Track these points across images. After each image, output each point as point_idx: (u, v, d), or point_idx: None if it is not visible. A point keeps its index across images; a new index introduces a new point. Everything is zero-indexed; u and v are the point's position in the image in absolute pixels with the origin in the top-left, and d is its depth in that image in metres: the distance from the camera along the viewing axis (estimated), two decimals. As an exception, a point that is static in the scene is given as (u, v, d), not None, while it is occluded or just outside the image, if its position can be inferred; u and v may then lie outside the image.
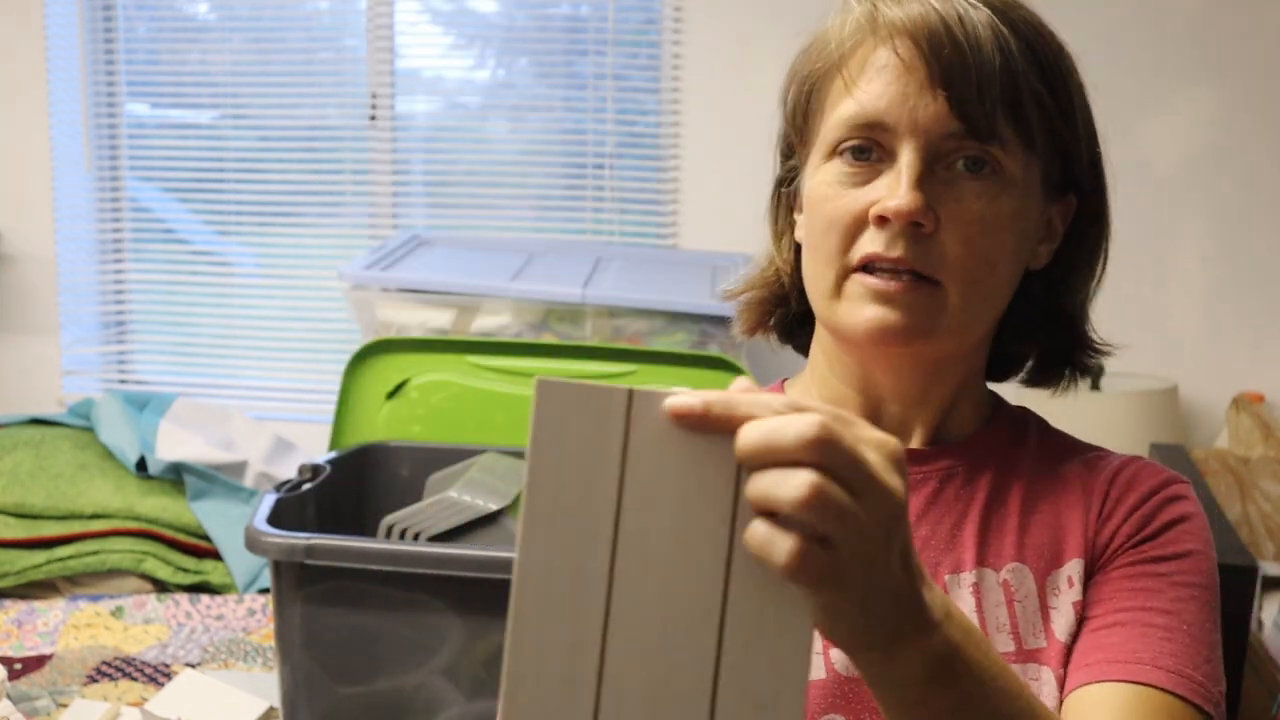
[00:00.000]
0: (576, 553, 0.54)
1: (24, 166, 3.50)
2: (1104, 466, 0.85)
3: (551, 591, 0.54)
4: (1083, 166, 0.84)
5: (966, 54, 0.75)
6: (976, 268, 0.78)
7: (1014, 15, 0.79)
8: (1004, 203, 0.78)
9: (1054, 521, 0.83)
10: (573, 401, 0.54)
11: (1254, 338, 3.01)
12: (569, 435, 0.54)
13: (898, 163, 0.77)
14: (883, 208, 0.76)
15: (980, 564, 0.82)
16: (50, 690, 2.12)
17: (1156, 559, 0.80)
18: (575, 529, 0.54)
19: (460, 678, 1.53)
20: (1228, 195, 2.99)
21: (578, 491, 0.54)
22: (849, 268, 0.79)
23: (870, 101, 0.78)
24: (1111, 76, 2.98)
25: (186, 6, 3.59)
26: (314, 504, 1.82)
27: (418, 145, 3.53)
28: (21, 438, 2.91)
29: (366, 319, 2.74)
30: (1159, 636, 0.76)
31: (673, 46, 3.22)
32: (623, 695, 0.54)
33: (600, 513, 0.54)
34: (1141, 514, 0.82)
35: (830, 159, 0.81)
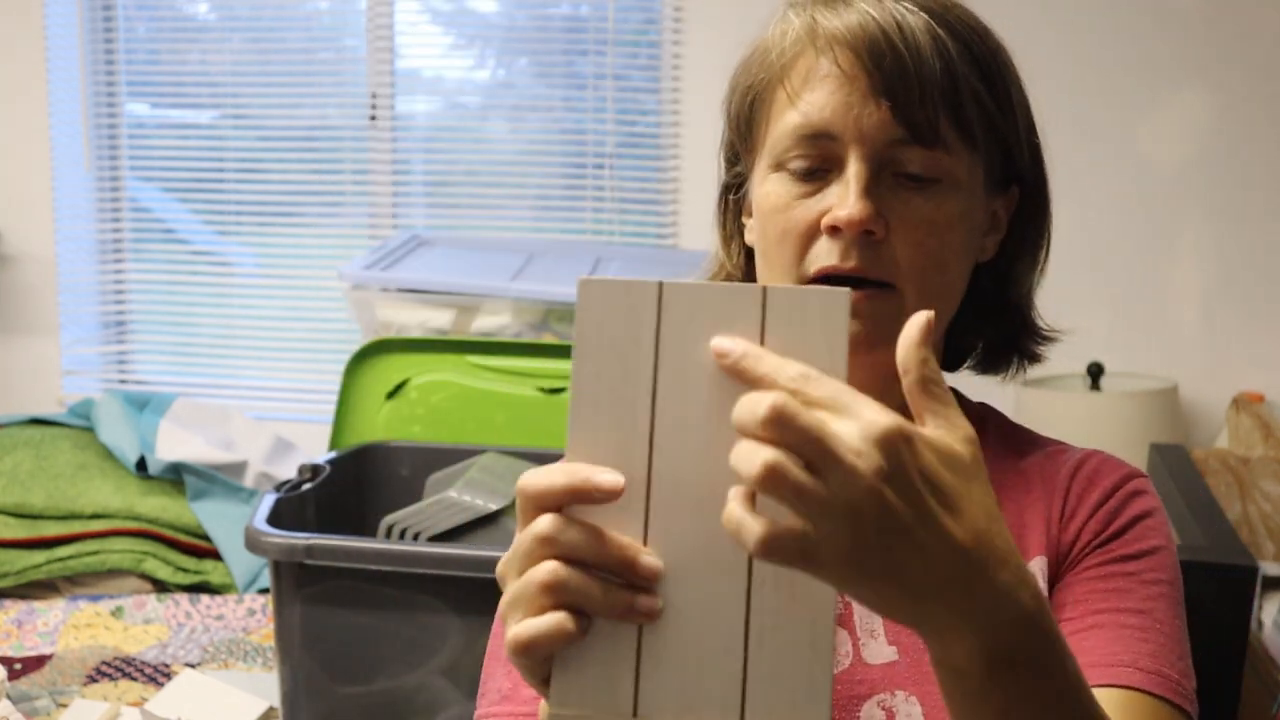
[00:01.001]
0: (618, 432, 0.59)
1: (24, 166, 3.50)
2: (1063, 461, 0.86)
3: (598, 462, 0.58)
4: (1024, 159, 0.85)
5: (907, 61, 0.76)
6: (928, 269, 0.79)
7: (950, 17, 0.80)
8: (951, 204, 0.79)
9: (1017, 518, 0.83)
10: (611, 295, 0.59)
11: (1254, 338, 3.01)
12: (608, 325, 0.59)
13: (846, 172, 0.78)
14: (834, 218, 0.77)
15: None
16: (50, 690, 2.12)
17: (1124, 558, 0.81)
18: (616, 409, 0.59)
19: (460, 678, 1.53)
20: (1228, 195, 2.99)
21: (617, 375, 0.59)
22: (805, 279, 0.80)
23: (814, 112, 0.79)
24: (1111, 76, 2.98)
25: (186, 6, 3.59)
26: (314, 504, 1.82)
27: (418, 145, 3.53)
28: (21, 438, 2.91)
29: (366, 319, 2.74)
30: (1136, 637, 0.77)
31: (673, 46, 3.22)
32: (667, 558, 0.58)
33: (638, 393, 0.59)
34: (1106, 511, 0.82)
35: (776, 170, 0.82)
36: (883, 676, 0.81)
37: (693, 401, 0.59)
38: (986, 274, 0.87)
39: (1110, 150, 2.99)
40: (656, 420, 0.59)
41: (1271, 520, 2.39)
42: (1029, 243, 0.88)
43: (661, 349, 0.59)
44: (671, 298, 0.59)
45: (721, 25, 3.15)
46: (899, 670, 0.81)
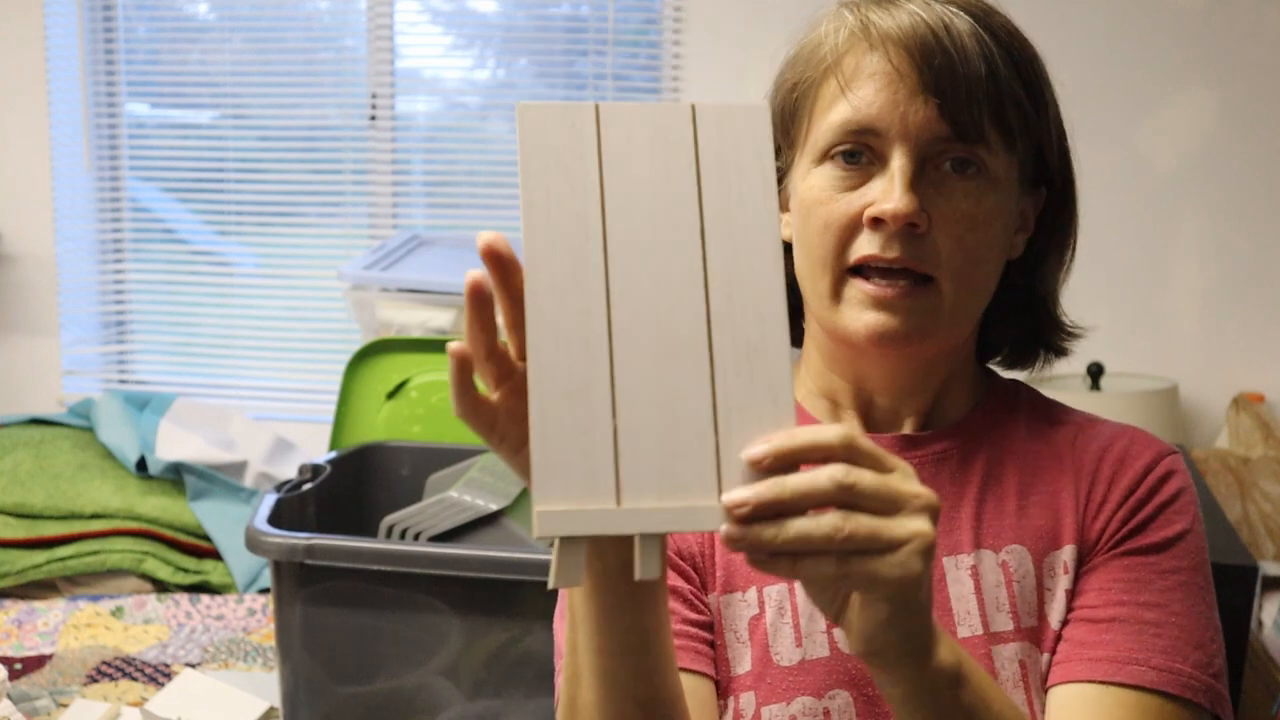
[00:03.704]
0: (573, 239, 0.64)
1: (24, 166, 3.50)
2: (1094, 441, 0.87)
3: (556, 273, 0.64)
4: (1054, 160, 0.88)
5: (955, 62, 0.79)
6: (966, 263, 0.81)
7: (992, 22, 0.83)
8: (989, 201, 0.82)
9: (1051, 503, 0.85)
10: (551, 117, 0.66)
11: (1254, 338, 3.01)
12: (552, 147, 0.65)
13: (890, 166, 0.80)
14: (879, 210, 0.80)
15: (978, 546, 0.85)
16: (50, 690, 2.12)
17: (1147, 549, 0.83)
18: (568, 220, 0.64)
19: (460, 678, 1.53)
20: (1228, 195, 2.99)
21: (565, 189, 0.65)
22: (845, 269, 0.82)
23: (863, 107, 0.81)
24: (1111, 76, 2.98)
25: (186, 6, 3.59)
26: (314, 504, 1.82)
27: (418, 145, 3.53)
28: (21, 438, 2.91)
29: (366, 319, 2.74)
30: (1150, 633, 0.80)
31: (673, 46, 3.22)
32: (631, 348, 0.63)
33: (588, 204, 0.65)
34: (1135, 499, 0.84)
35: (821, 163, 0.84)
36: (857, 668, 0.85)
37: (639, 210, 0.65)
38: (1015, 270, 0.90)
39: (1110, 150, 2.99)
40: (608, 229, 0.64)
41: (1271, 520, 2.39)
42: (1057, 242, 0.91)
43: (605, 164, 0.65)
44: (609, 116, 0.65)
45: (721, 25, 3.15)
46: None
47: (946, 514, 0.86)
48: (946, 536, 0.85)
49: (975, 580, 0.84)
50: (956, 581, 0.84)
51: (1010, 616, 0.83)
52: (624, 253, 0.64)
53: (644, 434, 0.62)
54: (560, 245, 0.64)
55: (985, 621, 0.83)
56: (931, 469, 0.87)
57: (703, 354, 0.63)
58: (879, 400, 0.89)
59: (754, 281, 0.64)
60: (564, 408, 0.62)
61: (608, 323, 0.63)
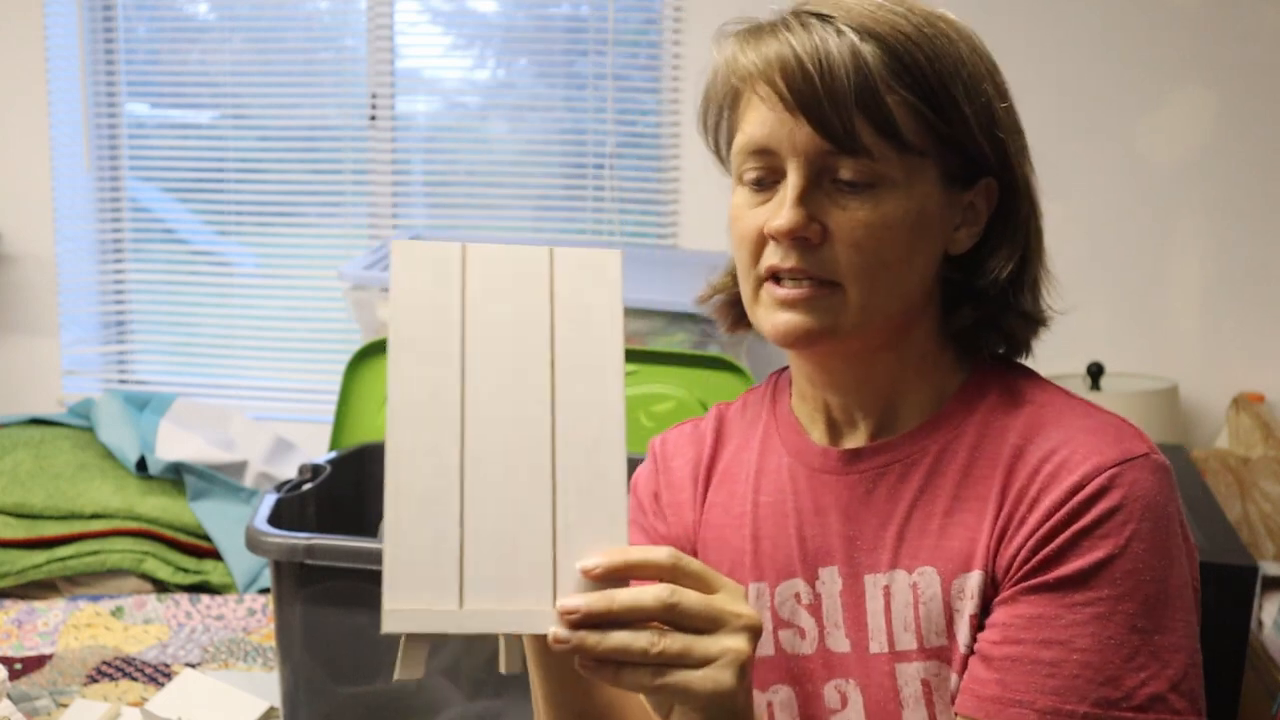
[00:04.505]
0: (434, 367, 0.71)
1: (24, 166, 3.50)
2: (1039, 449, 0.85)
3: (416, 398, 0.70)
4: (983, 153, 0.88)
5: (816, 82, 0.82)
6: (871, 267, 0.85)
7: (885, 30, 0.84)
8: (887, 205, 0.84)
9: (973, 523, 0.86)
10: (421, 256, 0.73)
11: (1254, 338, 3.01)
12: (419, 285, 0.72)
13: (785, 182, 0.86)
14: (770, 227, 0.85)
15: (894, 565, 0.88)
16: (50, 690, 2.12)
17: (1055, 584, 0.81)
18: (431, 350, 0.71)
19: (460, 678, 1.53)
20: (1227, 195, 2.99)
21: (430, 323, 0.72)
22: (760, 278, 0.88)
23: (753, 131, 0.87)
24: (1110, 76, 2.98)
25: (186, 6, 3.59)
26: (314, 504, 1.82)
27: (418, 145, 3.53)
28: (21, 438, 2.91)
29: (366, 319, 2.74)
30: (1043, 673, 0.80)
31: (673, 46, 3.22)
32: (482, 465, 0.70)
33: (450, 337, 0.72)
34: (1050, 527, 0.82)
35: (738, 183, 0.90)
36: (841, 663, 0.91)
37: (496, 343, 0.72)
38: (959, 264, 0.91)
39: (1109, 150, 2.99)
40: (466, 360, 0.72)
41: (1271, 520, 2.39)
42: (1002, 234, 0.91)
43: (467, 303, 0.72)
44: (475, 257, 0.73)
45: (721, 25, 3.15)
46: (850, 661, 0.90)
47: (874, 531, 0.89)
48: (869, 554, 0.89)
49: (886, 599, 0.87)
50: (872, 599, 0.88)
51: (915, 636, 0.86)
52: (480, 381, 0.71)
53: (488, 543, 0.69)
54: (422, 371, 0.71)
55: (891, 640, 0.87)
56: (868, 485, 0.91)
57: (547, 473, 0.71)
58: (832, 401, 0.93)
59: (597, 409, 0.72)
60: (416, 516, 0.69)
61: (460, 442, 0.70)
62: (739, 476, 0.98)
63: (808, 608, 0.92)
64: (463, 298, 0.72)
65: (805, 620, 0.92)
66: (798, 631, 0.92)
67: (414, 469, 0.69)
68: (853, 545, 0.90)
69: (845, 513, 0.91)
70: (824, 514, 0.92)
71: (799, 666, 0.92)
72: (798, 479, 0.94)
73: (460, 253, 0.73)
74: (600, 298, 0.73)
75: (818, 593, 0.91)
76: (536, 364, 0.72)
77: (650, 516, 1.02)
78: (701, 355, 2.34)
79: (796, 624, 0.93)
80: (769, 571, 0.94)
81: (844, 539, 0.90)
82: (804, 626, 0.92)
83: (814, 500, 0.92)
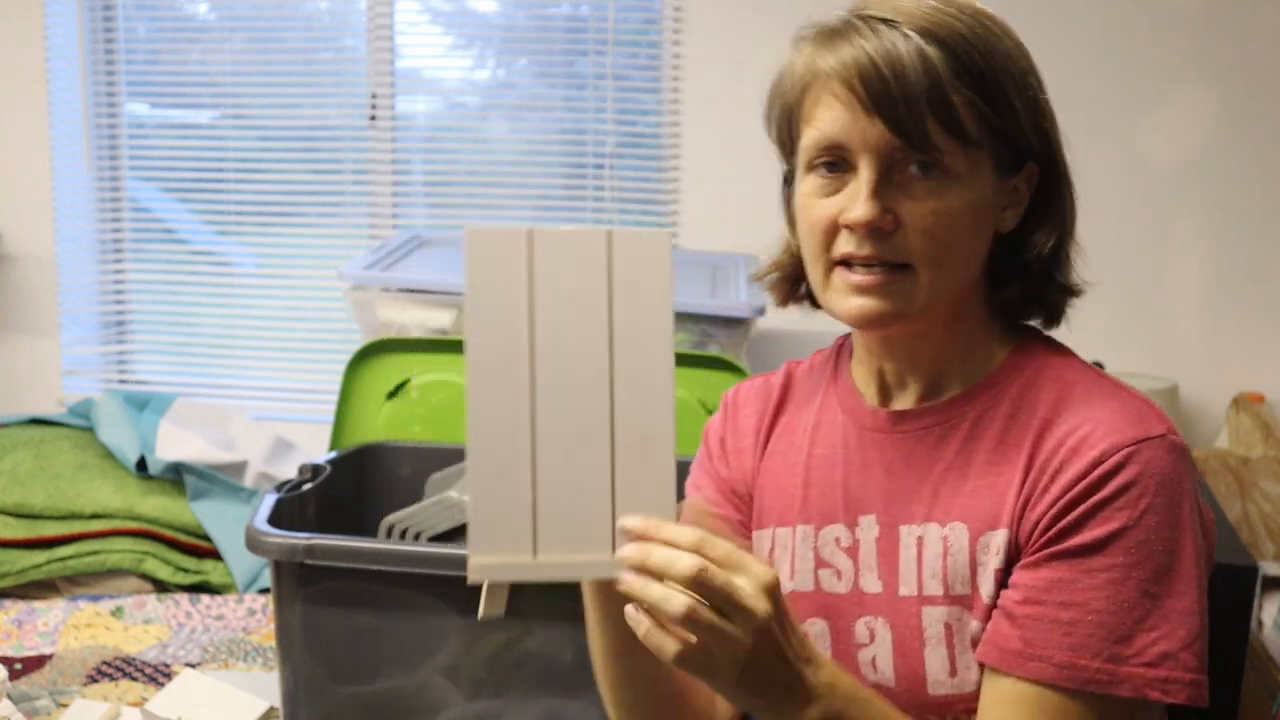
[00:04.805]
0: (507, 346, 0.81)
1: (24, 166, 3.50)
2: (1064, 425, 0.93)
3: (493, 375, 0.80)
4: (1030, 142, 0.97)
5: (891, 84, 0.90)
6: (937, 251, 0.93)
7: (945, 32, 0.92)
8: (953, 195, 0.93)
9: (1002, 486, 0.94)
10: (491, 240, 0.81)
11: (1254, 338, 3.01)
12: (491, 265, 0.81)
13: (859, 176, 0.93)
14: (847, 218, 0.93)
15: (928, 519, 0.97)
16: (50, 690, 2.12)
17: (1074, 551, 0.89)
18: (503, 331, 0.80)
19: (460, 678, 1.53)
20: (1227, 195, 2.99)
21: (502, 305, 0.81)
22: (831, 262, 0.96)
23: (826, 128, 0.94)
24: (1111, 76, 2.98)
25: (186, 6, 3.59)
26: (314, 504, 1.82)
27: (418, 145, 3.53)
28: (21, 438, 2.91)
29: (366, 319, 2.74)
30: (1060, 631, 0.88)
31: (673, 46, 3.22)
32: (550, 437, 0.80)
33: (519, 318, 0.81)
34: (1071, 497, 0.89)
35: (808, 173, 0.97)
36: (873, 603, 0.99)
37: (561, 322, 0.81)
38: (1005, 242, 0.99)
39: (1110, 150, 2.99)
40: (536, 338, 0.81)
41: (1271, 520, 2.39)
42: (1043, 214, 1.00)
43: (535, 283, 0.81)
44: (541, 241, 0.82)
45: (721, 25, 3.15)
46: (882, 601, 0.99)
47: (911, 486, 0.99)
48: (906, 506, 0.99)
49: (919, 549, 0.97)
50: (905, 547, 0.98)
51: (941, 584, 0.95)
52: (548, 359, 0.81)
53: (557, 504, 0.80)
54: (497, 350, 0.81)
55: (920, 585, 0.96)
56: (911, 445, 1.00)
57: (606, 442, 0.81)
58: (886, 368, 1.03)
59: (650, 383, 0.82)
60: (495, 482, 0.80)
61: (531, 417, 0.81)
62: (798, 430, 1.08)
63: (846, 550, 1.02)
64: (530, 279, 0.81)
65: (843, 562, 1.02)
66: (835, 572, 1.02)
67: (492, 437, 0.80)
68: (892, 497, 0.99)
69: (888, 468, 1.00)
70: (869, 468, 1.02)
71: (833, 603, 1.01)
72: (849, 436, 1.04)
73: (527, 236, 0.81)
74: (652, 277, 0.82)
75: (856, 537, 1.01)
76: (596, 341, 0.81)
77: (715, 460, 1.12)
78: (701, 355, 2.33)
79: (834, 565, 1.02)
80: (815, 515, 1.04)
81: (884, 491, 1.00)
82: (841, 568, 1.02)
83: (862, 455, 1.02)
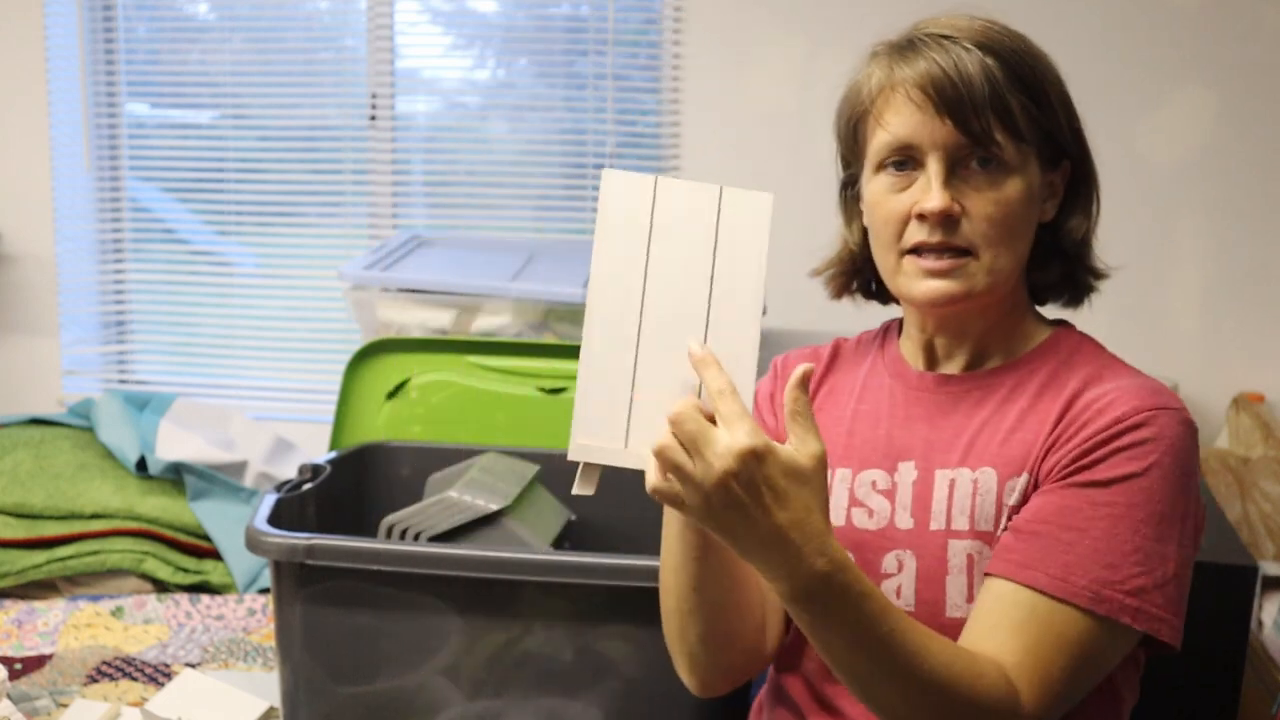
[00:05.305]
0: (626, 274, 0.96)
1: (24, 166, 3.50)
2: (1094, 391, 1.07)
3: (610, 295, 0.95)
4: (1067, 140, 1.13)
5: (961, 90, 1.05)
6: (998, 236, 1.08)
7: (998, 46, 1.07)
8: (1010, 186, 1.08)
9: (1029, 440, 1.07)
10: (623, 184, 0.97)
11: (1254, 338, 3.01)
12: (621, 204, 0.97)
13: (927, 171, 1.07)
14: (921, 208, 1.07)
15: (962, 464, 1.10)
16: (50, 690, 2.12)
17: (1086, 484, 1.02)
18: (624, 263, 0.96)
19: (460, 678, 1.53)
20: (1227, 195, 2.99)
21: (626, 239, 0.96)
22: (903, 251, 1.10)
23: (899, 130, 1.08)
24: (1111, 76, 2.98)
25: (186, 6, 3.59)
26: (314, 504, 1.82)
27: (418, 145, 3.53)
28: (21, 438, 2.91)
29: (366, 319, 2.74)
30: (1059, 549, 1.00)
31: (673, 46, 3.22)
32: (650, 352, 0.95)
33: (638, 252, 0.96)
34: (1093, 441, 1.03)
35: (878, 172, 1.11)
36: (903, 538, 1.11)
37: (672, 262, 0.96)
38: (1046, 230, 1.15)
39: (1109, 150, 2.97)
40: (649, 271, 0.96)
41: (1271, 520, 2.39)
42: (1081, 201, 1.16)
43: (654, 226, 0.96)
44: (662, 189, 0.97)
45: (721, 25, 3.15)
46: (912, 536, 1.11)
47: (950, 437, 1.12)
48: (943, 454, 1.11)
49: (950, 489, 1.09)
50: (939, 488, 1.10)
51: (968, 519, 1.08)
52: (657, 285, 0.96)
53: (649, 407, 0.94)
54: (616, 277, 0.96)
55: (949, 520, 1.09)
56: (953, 402, 1.14)
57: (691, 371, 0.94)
58: (937, 341, 1.17)
59: (738, 326, 0.95)
60: (600, 377, 0.95)
61: (638, 329, 0.95)
62: (844, 390, 1.22)
63: (883, 493, 1.14)
64: (651, 219, 0.96)
65: (877, 503, 1.14)
66: (867, 511, 1.14)
67: (603, 344, 0.95)
68: (931, 446, 1.12)
69: (930, 421, 1.14)
70: (912, 422, 1.15)
71: (862, 539, 1.13)
72: (895, 395, 1.18)
73: (653, 183, 0.97)
74: (752, 228, 0.96)
75: (895, 481, 1.13)
76: (699, 276, 0.95)
77: (763, 413, 1.26)
78: (701, 355, 2.34)
79: (868, 505, 1.14)
80: (855, 460, 1.16)
81: (924, 441, 1.13)
82: (874, 508, 1.14)
83: (906, 410, 1.16)
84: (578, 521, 1.99)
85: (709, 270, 0.95)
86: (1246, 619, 1.51)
